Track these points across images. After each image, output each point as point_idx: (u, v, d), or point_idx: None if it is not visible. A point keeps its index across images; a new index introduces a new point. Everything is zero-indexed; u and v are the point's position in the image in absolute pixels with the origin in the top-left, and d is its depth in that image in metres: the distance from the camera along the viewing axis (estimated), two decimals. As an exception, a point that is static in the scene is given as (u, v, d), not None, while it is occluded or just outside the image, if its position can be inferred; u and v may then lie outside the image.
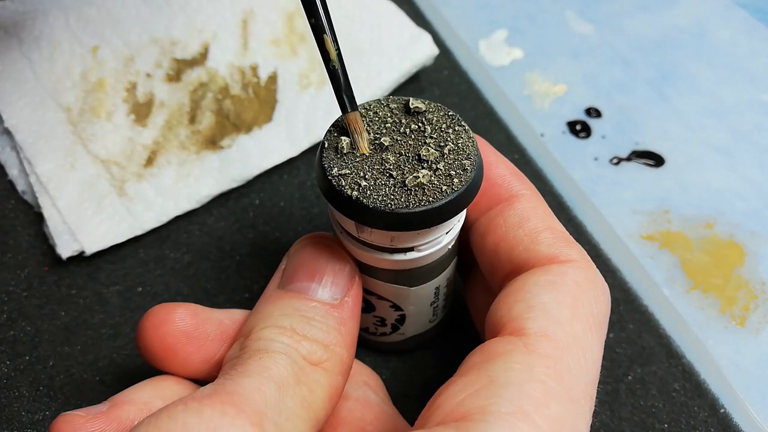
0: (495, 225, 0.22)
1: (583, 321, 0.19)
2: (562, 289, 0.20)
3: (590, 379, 0.19)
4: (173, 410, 0.17)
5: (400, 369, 0.28)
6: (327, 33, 0.20)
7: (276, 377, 0.18)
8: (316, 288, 0.21)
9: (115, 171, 0.32)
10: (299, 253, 0.22)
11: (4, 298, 0.29)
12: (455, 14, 0.40)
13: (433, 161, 0.20)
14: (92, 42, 0.35)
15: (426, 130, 0.21)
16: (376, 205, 0.19)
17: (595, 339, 0.20)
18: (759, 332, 0.30)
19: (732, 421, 0.27)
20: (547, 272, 0.20)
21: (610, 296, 0.21)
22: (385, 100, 0.22)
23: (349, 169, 0.20)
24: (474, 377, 0.18)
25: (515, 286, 0.20)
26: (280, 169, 0.33)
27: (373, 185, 0.19)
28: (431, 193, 0.19)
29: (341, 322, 0.21)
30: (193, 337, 0.22)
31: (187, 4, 0.36)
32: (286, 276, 0.22)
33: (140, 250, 0.30)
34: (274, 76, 0.35)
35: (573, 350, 0.19)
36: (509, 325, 0.19)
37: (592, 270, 0.21)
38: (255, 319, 0.21)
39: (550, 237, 0.21)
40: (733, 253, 0.32)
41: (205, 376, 0.22)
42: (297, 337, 0.20)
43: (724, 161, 0.35)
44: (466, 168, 0.20)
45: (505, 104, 0.36)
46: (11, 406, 0.26)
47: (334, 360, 0.20)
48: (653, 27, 0.40)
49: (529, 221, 0.22)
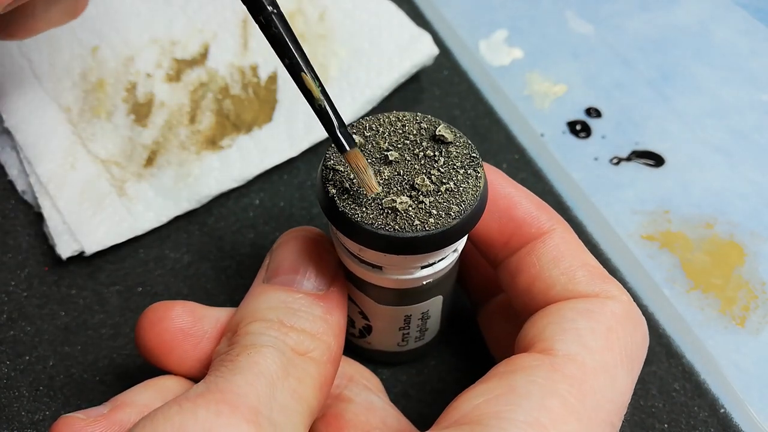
0: (527, 264, 0.22)
1: (615, 352, 0.19)
2: (598, 318, 0.19)
3: (614, 409, 0.18)
4: (168, 411, 0.17)
5: (400, 369, 0.28)
6: (305, 71, 0.19)
7: (266, 372, 0.18)
8: (301, 280, 0.21)
9: (115, 171, 0.32)
10: (282, 248, 0.22)
11: (4, 298, 0.29)
12: (455, 14, 0.40)
13: (423, 193, 0.19)
14: (92, 42, 0.35)
15: (439, 161, 0.20)
16: (344, 210, 0.19)
17: (626, 372, 0.19)
18: (759, 332, 0.30)
19: (732, 421, 0.27)
20: (586, 301, 0.20)
21: (647, 334, 0.21)
22: (420, 117, 0.21)
23: (344, 167, 0.20)
24: (494, 384, 0.18)
25: (551, 310, 0.20)
26: (280, 169, 0.33)
27: (355, 192, 0.19)
28: (401, 221, 0.19)
29: (327, 311, 0.21)
30: (190, 335, 0.22)
31: (187, 4, 0.36)
32: (271, 270, 0.22)
33: (140, 250, 0.30)
34: (274, 76, 0.35)
35: (599, 377, 0.18)
36: (539, 345, 0.19)
37: (632, 305, 0.21)
38: (241, 314, 0.21)
39: (587, 275, 0.21)
40: (733, 253, 0.32)
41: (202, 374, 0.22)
42: (284, 329, 0.20)
43: (724, 161, 0.35)
44: (450, 212, 0.19)
45: (505, 104, 0.36)
46: (11, 406, 0.26)
47: (322, 349, 0.20)
48: (653, 27, 0.40)
49: (564, 259, 0.21)
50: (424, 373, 0.28)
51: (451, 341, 0.28)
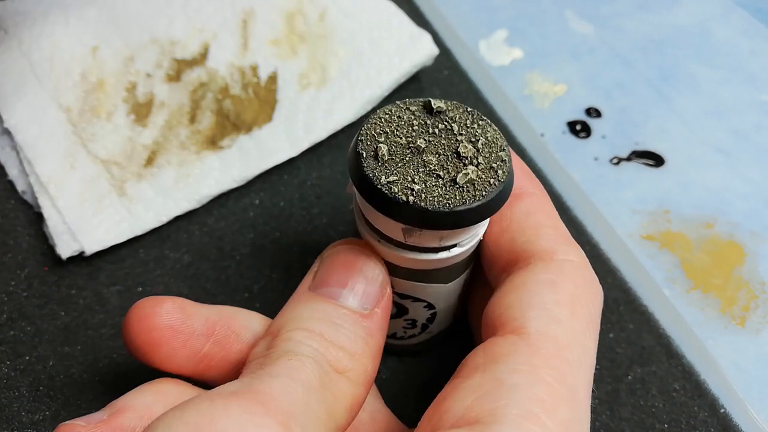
0: (500, 216, 0.22)
1: (581, 320, 0.20)
2: (561, 288, 0.20)
3: (589, 378, 0.19)
4: (200, 404, 0.17)
5: (399, 369, 0.28)
6: None
7: (304, 380, 0.18)
8: (348, 295, 0.21)
9: (115, 171, 0.32)
10: (333, 257, 0.22)
11: (4, 298, 0.29)
12: (455, 14, 0.40)
13: (472, 156, 0.20)
14: (92, 42, 0.35)
15: (453, 128, 0.21)
16: (434, 207, 0.19)
17: (592, 338, 0.20)
18: (759, 332, 0.30)
19: (732, 421, 0.27)
20: (547, 270, 0.21)
21: (602, 295, 0.22)
22: (404, 104, 0.22)
23: (396, 176, 0.20)
24: (480, 380, 0.18)
25: (515, 283, 0.21)
26: (280, 169, 0.33)
27: (425, 188, 0.19)
28: (481, 187, 0.19)
29: (369, 332, 0.21)
30: (179, 332, 0.22)
31: (187, 4, 0.36)
32: (318, 279, 0.21)
33: (140, 250, 0.30)
34: (274, 76, 0.35)
35: (574, 349, 0.19)
36: (509, 324, 0.19)
37: (589, 270, 0.21)
38: (284, 320, 0.21)
39: (552, 234, 0.22)
40: (733, 253, 0.32)
41: (191, 372, 0.22)
42: (325, 343, 0.20)
43: (724, 161, 0.35)
44: (503, 159, 0.20)
45: (505, 104, 0.36)
46: (11, 406, 0.26)
47: (359, 370, 0.20)
48: (653, 27, 0.40)
49: (535, 215, 0.22)
50: (424, 373, 0.28)
51: (451, 341, 0.28)
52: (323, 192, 0.32)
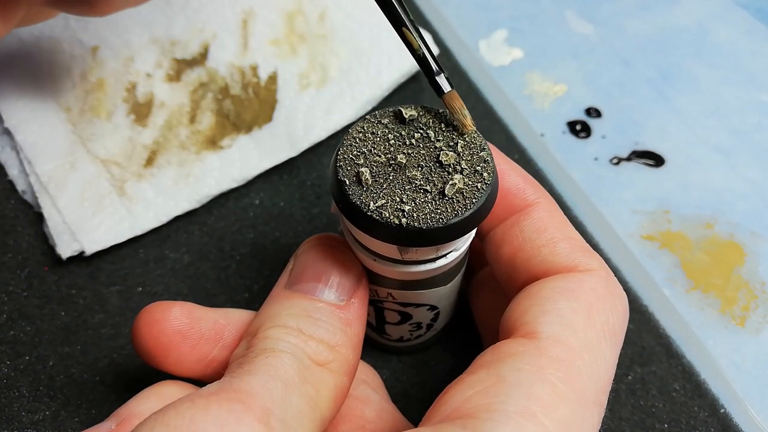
0: (511, 235, 0.22)
1: (597, 329, 0.19)
2: (578, 296, 0.20)
3: (601, 386, 0.19)
4: (180, 407, 0.17)
5: (400, 369, 0.28)
6: (407, 25, 0.21)
7: (282, 376, 0.18)
8: (323, 289, 0.21)
9: (115, 171, 0.32)
10: (307, 254, 0.22)
11: (4, 298, 0.29)
12: (455, 14, 0.40)
13: (455, 163, 0.20)
14: (92, 42, 0.35)
15: (429, 135, 0.20)
16: (428, 225, 0.19)
17: (609, 347, 0.19)
18: (759, 332, 0.30)
19: (732, 421, 0.27)
20: (565, 279, 0.20)
21: (627, 306, 0.21)
22: (374, 117, 0.21)
23: (384, 198, 0.19)
24: (483, 375, 0.18)
25: (531, 291, 0.20)
26: (280, 169, 0.33)
27: (416, 206, 0.19)
28: (470, 194, 0.19)
29: (347, 323, 0.21)
30: (188, 337, 0.22)
31: (187, 4, 0.36)
32: (294, 276, 0.22)
33: (140, 250, 0.30)
34: (274, 76, 0.35)
35: (585, 356, 0.18)
36: (522, 328, 0.19)
37: (611, 279, 0.21)
38: (261, 319, 0.21)
39: (568, 247, 0.21)
40: (733, 253, 0.32)
41: (199, 375, 0.22)
42: (303, 337, 0.20)
43: (724, 161, 0.35)
44: (486, 159, 0.20)
45: (505, 104, 0.36)
46: (11, 406, 0.26)
47: (340, 361, 0.20)
48: (653, 27, 0.40)
49: (546, 231, 0.22)
50: (424, 373, 0.28)
51: (451, 341, 0.28)
52: (323, 192, 0.32)
